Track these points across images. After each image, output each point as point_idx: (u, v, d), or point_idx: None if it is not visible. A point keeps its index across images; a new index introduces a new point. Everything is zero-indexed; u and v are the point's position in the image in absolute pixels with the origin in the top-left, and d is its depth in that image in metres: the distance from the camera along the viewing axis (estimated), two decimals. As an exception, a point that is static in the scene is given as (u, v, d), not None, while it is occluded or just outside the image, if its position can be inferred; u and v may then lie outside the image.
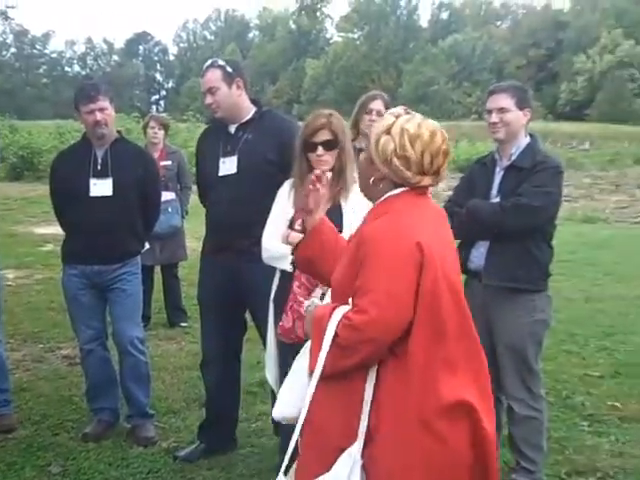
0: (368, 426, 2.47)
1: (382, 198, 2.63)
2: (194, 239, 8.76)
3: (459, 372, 2.50)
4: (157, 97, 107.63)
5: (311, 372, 2.54)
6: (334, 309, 2.54)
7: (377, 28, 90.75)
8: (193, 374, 5.75)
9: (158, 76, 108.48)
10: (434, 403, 2.43)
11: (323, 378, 2.51)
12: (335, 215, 3.55)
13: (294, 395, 2.68)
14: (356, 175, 3.68)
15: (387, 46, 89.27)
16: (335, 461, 2.48)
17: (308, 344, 2.65)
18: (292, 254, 3.00)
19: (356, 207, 3.57)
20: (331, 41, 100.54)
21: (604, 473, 4.40)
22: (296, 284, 3.52)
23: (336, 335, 2.46)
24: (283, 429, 3.98)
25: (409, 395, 2.43)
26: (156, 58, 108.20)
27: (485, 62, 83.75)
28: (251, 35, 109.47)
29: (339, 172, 3.62)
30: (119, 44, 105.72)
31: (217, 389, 4.57)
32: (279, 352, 3.79)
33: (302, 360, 2.72)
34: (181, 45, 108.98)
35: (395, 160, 2.53)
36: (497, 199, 3.99)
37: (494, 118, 4.03)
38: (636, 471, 4.42)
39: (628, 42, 76.90)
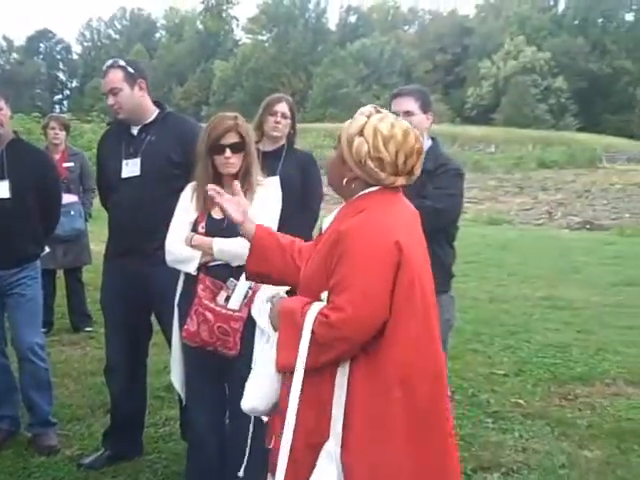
0: (343, 424, 2.47)
1: (355, 196, 2.62)
2: (99, 242, 8.57)
3: (428, 374, 2.55)
4: (60, 97, 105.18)
5: (282, 366, 2.56)
6: (307, 304, 2.53)
7: (285, 30, 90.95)
8: (98, 380, 5.61)
9: (61, 75, 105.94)
10: (411, 404, 2.49)
11: (291, 374, 2.51)
12: (240, 217, 3.53)
13: (264, 387, 2.67)
14: (260, 177, 3.68)
15: (296, 49, 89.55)
16: (307, 457, 2.49)
17: (275, 335, 2.64)
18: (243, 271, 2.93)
19: (260, 209, 3.56)
20: (240, 43, 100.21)
21: (508, 468, 4.49)
22: (200, 287, 3.48)
23: (312, 332, 2.46)
24: (191, 435, 3.94)
25: (385, 395, 2.46)
26: (59, 57, 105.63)
27: (393, 66, 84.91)
28: (158, 35, 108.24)
29: (245, 174, 3.60)
30: (19, 41, 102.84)
31: (122, 394, 4.47)
32: (185, 356, 3.73)
33: (267, 351, 2.69)
34: (85, 44, 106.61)
35: (369, 162, 2.52)
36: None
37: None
38: (539, 466, 4.52)
39: (530, 49, 79.18)
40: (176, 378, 3.82)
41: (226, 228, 3.50)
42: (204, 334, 3.46)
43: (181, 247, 3.55)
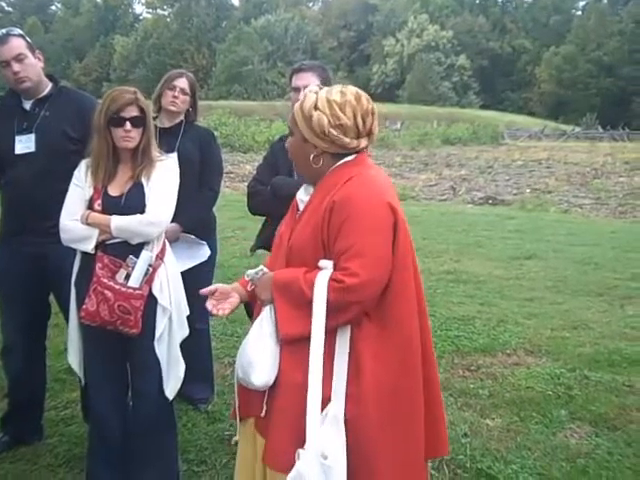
0: (347, 384, 2.56)
1: (331, 169, 2.70)
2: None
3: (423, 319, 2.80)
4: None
5: (287, 336, 2.60)
6: (306, 272, 2.59)
7: (188, 5, 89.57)
8: (-6, 364, 5.45)
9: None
10: (418, 360, 2.71)
11: (288, 341, 2.61)
12: (138, 194, 3.48)
13: (269, 359, 2.66)
14: (158, 153, 3.61)
15: (199, 25, 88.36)
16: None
17: (267, 309, 2.69)
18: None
19: (158, 186, 3.51)
20: (140, 17, 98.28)
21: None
22: (99, 266, 3.39)
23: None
24: (91, 416, 3.87)
25: (394, 353, 2.63)
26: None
27: (298, 43, 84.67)
28: (53, 8, 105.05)
29: (144, 150, 3.53)
30: None
31: (20, 377, 4.36)
32: (84, 336, 3.64)
33: (264, 325, 2.69)
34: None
35: (332, 130, 2.62)
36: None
37: (302, 96, 4.05)
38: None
39: (434, 27, 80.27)
40: (74, 359, 3.72)
41: (124, 205, 3.43)
42: (104, 313, 3.37)
43: (77, 225, 3.45)
